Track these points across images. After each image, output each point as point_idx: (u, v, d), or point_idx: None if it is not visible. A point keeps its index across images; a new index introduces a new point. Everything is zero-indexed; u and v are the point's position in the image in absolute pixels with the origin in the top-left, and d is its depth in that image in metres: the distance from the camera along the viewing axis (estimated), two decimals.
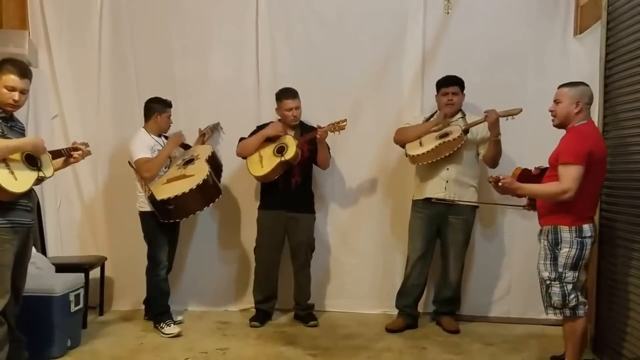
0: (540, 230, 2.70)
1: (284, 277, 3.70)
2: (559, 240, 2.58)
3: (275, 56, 3.87)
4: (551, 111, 2.69)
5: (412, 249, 3.52)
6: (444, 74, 3.52)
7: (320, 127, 3.45)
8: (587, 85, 2.71)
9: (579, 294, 2.61)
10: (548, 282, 2.61)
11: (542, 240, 2.66)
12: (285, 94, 3.54)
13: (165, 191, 3.26)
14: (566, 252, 2.56)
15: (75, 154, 2.77)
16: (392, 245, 3.83)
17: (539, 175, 2.76)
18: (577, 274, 2.58)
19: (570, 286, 2.58)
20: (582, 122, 2.61)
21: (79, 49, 3.90)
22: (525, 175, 2.77)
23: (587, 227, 2.58)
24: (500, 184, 2.60)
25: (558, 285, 2.59)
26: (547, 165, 2.76)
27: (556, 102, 2.67)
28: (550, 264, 2.60)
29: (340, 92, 3.80)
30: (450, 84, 3.45)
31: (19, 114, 2.72)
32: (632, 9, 2.78)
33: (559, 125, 2.69)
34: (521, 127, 3.38)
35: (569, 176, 2.49)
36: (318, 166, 3.64)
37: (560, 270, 2.58)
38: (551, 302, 2.62)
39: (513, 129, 3.34)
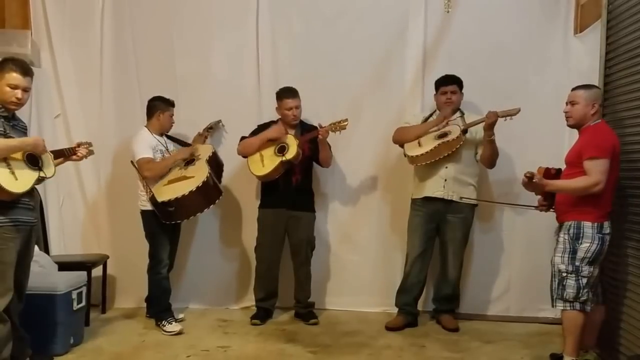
0: (560, 226, 2.73)
1: (284, 275, 3.72)
2: (581, 235, 2.62)
3: (276, 55, 3.88)
4: (566, 112, 2.75)
5: (411, 247, 3.54)
6: (445, 72, 3.53)
7: (321, 127, 3.46)
8: (599, 87, 2.82)
9: (590, 290, 2.64)
10: (564, 274, 2.65)
11: (562, 235, 2.69)
12: (286, 93, 3.55)
13: (166, 193, 3.28)
14: (586, 247, 2.61)
15: (79, 152, 2.80)
16: (392, 243, 3.84)
17: (555, 175, 2.82)
18: (592, 269, 2.63)
19: (585, 280, 2.62)
20: (597, 122, 2.70)
21: (81, 49, 3.93)
22: (546, 174, 2.82)
23: (606, 224, 2.64)
24: (535, 179, 2.64)
25: (574, 278, 2.63)
26: (553, 166, 2.83)
27: (571, 103, 2.73)
28: (569, 257, 2.64)
29: (341, 90, 3.81)
30: (449, 83, 3.46)
31: (22, 114, 2.75)
32: (632, 8, 2.79)
33: (573, 126, 2.77)
34: (521, 126, 3.38)
35: (598, 169, 2.56)
36: (319, 164, 3.65)
37: (577, 264, 2.62)
38: (563, 294, 2.64)
39: (514, 128, 3.34)
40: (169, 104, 3.54)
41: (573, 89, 2.77)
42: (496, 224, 3.77)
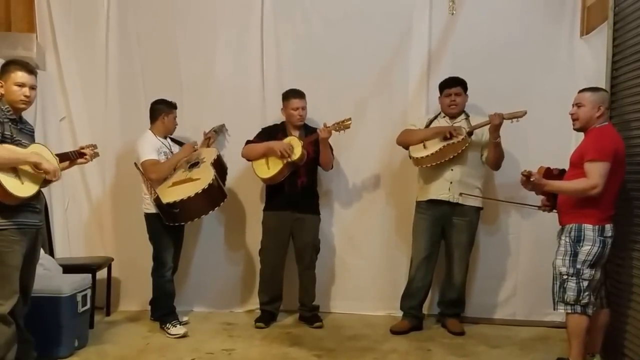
0: (562, 229, 2.73)
1: (289, 279, 3.71)
2: (582, 237, 2.62)
3: (280, 56, 3.88)
4: (572, 114, 2.75)
5: (416, 250, 3.52)
6: (449, 74, 3.52)
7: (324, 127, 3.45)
8: (606, 90, 2.82)
9: (591, 293, 2.64)
10: (565, 277, 2.64)
11: (563, 238, 2.69)
12: (293, 94, 3.57)
13: (171, 194, 3.28)
14: (587, 249, 2.60)
15: (86, 156, 2.81)
16: (397, 246, 3.82)
17: (558, 175, 2.81)
18: (594, 272, 2.62)
19: (586, 283, 2.61)
20: (604, 124, 2.69)
21: (86, 52, 3.94)
22: (547, 174, 2.81)
23: (608, 227, 2.63)
24: (532, 179, 2.64)
25: (575, 281, 2.62)
26: (557, 167, 2.82)
27: (577, 105, 2.73)
28: (570, 259, 2.64)
29: (346, 92, 3.81)
30: (453, 85, 3.45)
31: (27, 116, 2.75)
32: (638, 10, 2.77)
33: (580, 129, 2.76)
34: (528, 128, 3.37)
35: (597, 172, 2.55)
36: (321, 167, 3.64)
37: (578, 266, 2.61)
38: (564, 297, 2.64)
39: (519, 129, 3.32)
40: (172, 106, 3.55)
41: (580, 91, 2.76)
42: (503, 227, 3.75)
